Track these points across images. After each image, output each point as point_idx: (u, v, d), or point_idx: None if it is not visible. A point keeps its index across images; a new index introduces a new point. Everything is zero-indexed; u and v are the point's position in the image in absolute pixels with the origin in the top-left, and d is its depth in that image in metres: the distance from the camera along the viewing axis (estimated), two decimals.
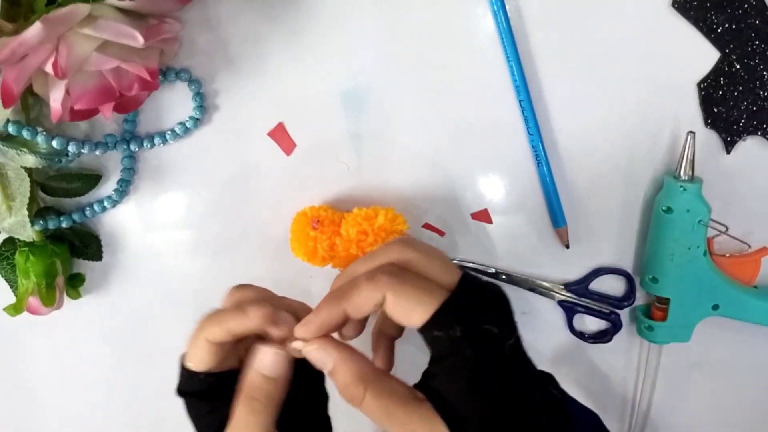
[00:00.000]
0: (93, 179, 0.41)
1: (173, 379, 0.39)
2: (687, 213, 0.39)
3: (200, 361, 0.31)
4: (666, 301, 0.42)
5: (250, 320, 0.30)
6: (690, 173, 0.39)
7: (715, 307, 0.42)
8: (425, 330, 0.28)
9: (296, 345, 0.30)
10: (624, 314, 0.45)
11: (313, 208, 0.41)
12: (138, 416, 0.49)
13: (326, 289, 0.31)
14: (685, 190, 0.39)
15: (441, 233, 0.43)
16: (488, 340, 0.28)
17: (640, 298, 0.45)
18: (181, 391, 0.33)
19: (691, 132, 0.39)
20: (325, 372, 0.29)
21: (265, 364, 0.30)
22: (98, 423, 0.49)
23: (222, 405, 0.31)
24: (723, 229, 0.41)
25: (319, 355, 0.29)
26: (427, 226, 0.43)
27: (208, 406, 0.33)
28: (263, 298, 0.33)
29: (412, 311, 0.28)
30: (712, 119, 0.40)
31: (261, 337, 0.31)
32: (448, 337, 0.28)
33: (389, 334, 0.35)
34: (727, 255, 0.42)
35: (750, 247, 0.42)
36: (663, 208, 0.40)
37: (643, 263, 0.43)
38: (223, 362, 0.32)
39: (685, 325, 0.42)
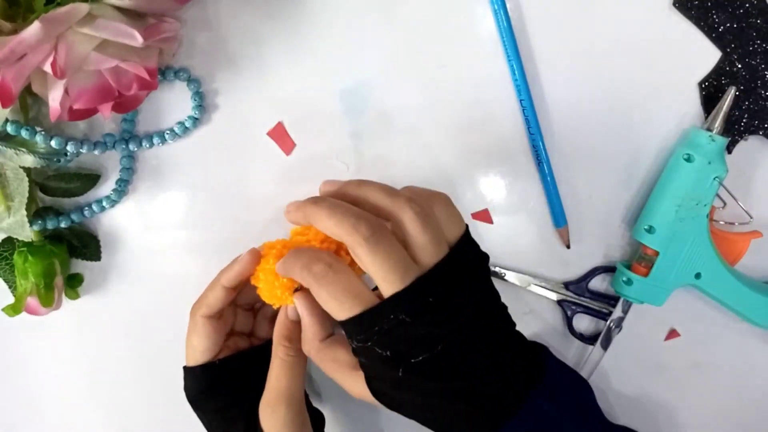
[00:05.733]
0: (92, 179, 0.41)
1: (171, 378, 0.39)
2: (708, 165, 0.38)
3: (211, 308, 0.37)
4: (652, 258, 0.41)
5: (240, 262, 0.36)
6: (722, 127, 0.39)
7: (698, 276, 0.41)
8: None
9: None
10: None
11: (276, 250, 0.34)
12: (137, 416, 0.49)
13: None
14: (713, 140, 0.38)
15: None
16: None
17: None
18: (190, 394, 0.39)
19: (736, 87, 0.39)
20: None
21: (290, 310, 0.36)
22: (97, 423, 0.49)
23: (226, 403, 0.38)
24: (729, 200, 0.41)
25: (298, 305, 0.34)
26: None
27: (213, 405, 0.39)
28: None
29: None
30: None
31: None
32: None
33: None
34: (722, 224, 0.42)
35: (752, 218, 0.42)
36: (684, 155, 0.39)
37: (642, 212, 0.42)
38: (219, 350, 0.39)
39: (664, 287, 0.41)
